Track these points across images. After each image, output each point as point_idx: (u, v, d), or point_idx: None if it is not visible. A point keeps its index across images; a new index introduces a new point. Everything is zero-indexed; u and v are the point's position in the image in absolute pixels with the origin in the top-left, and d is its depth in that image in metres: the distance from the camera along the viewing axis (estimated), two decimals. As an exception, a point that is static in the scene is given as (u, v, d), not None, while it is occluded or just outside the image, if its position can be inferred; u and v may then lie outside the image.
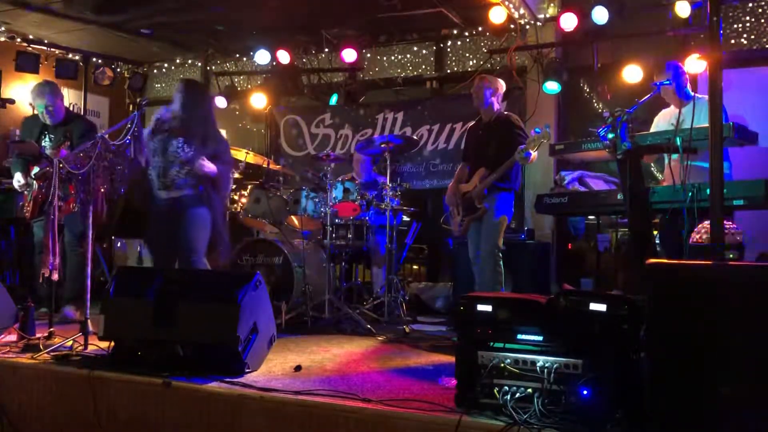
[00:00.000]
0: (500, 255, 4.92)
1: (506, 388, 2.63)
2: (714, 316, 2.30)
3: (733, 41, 6.46)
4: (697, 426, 2.30)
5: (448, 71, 7.85)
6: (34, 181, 5.22)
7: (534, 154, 4.81)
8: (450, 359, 3.57)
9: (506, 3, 6.43)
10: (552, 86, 6.56)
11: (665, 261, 2.69)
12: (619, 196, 4.36)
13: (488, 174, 4.92)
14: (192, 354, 3.44)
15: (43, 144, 5.44)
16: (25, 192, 5.36)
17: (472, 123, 5.44)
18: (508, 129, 4.99)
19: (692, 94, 4.77)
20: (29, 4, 6.90)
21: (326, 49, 7.88)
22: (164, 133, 4.54)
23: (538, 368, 2.59)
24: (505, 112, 5.26)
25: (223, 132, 9.04)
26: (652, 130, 4.71)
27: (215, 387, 3.14)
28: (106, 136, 4.11)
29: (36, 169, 5.24)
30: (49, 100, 5.43)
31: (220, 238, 4.63)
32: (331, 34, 7.69)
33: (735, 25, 6.47)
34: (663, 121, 4.89)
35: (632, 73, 6.15)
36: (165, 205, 4.54)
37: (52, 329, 4.06)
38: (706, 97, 4.26)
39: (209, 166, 4.50)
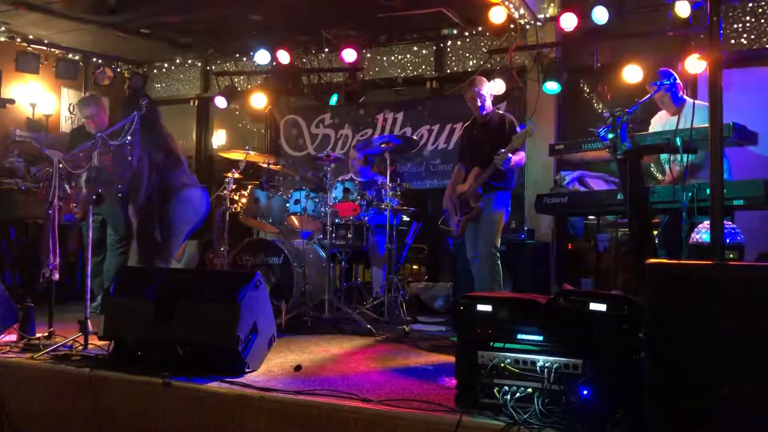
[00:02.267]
0: (498, 254, 4.93)
1: (506, 388, 2.63)
2: (714, 316, 2.30)
3: (733, 41, 6.46)
4: (698, 426, 2.30)
5: (448, 71, 7.84)
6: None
7: (514, 157, 4.79)
8: (450, 359, 3.57)
9: (506, 3, 6.43)
10: (552, 86, 6.56)
11: (665, 261, 2.69)
12: (619, 196, 4.36)
13: (481, 172, 4.93)
14: (192, 354, 3.44)
15: None
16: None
17: (466, 123, 5.45)
18: (502, 129, 5.00)
19: (685, 98, 4.81)
20: (29, 4, 6.90)
21: (326, 49, 7.87)
22: None
23: (538, 368, 2.60)
24: (500, 111, 5.26)
25: (223, 132, 9.14)
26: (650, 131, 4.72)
27: (215, 387, 3.14)
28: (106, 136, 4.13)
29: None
30: (93, 110, 5.85)
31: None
32: (331, 34, 7.69)
33: (735, 25, 6.47)
34: (659, 123, 4.90)
35: (632, 73, 6.14)
36: None
37: (52, 329, 4.06)
38: (703, 102, 4.28)
39: None
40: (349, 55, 7.35)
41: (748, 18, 6.44)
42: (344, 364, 3.80)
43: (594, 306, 2.56)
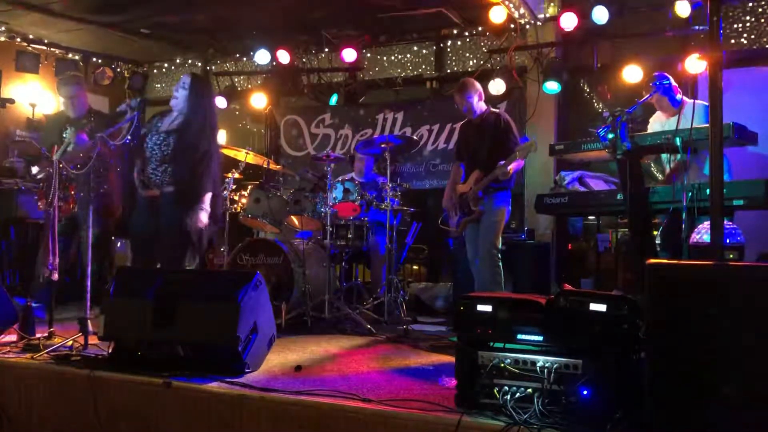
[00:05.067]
0: (499, 255, 4.93)
1: (506, 388, 2.63)
2: (714, 316, 2.30)
3: (733, 41, 6.46)
4: (698, 426, 2.30)
5: (448, 71, 7.84)
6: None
7: (512, 166, 4.81)
8: (450, 359, 3.57)
9: (506, 3, 6.43)
10: (552, 86, 6.56)
11: (665, 261, 2.69)
12: (619, 196, 4.36)
13: (482, 176, 4.94)
14: (192, 354, 3.44)
15: (64, 136, 5.35)
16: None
17: (463, 122, 5.45)
18: (498, 130, 5.01)
19: (683, 99, 4.82)
20: (29, 4, 6.90)
21: (326, 49, 7.88)
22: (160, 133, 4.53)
23: (538, 368, 2.60)
24: (495, 111, 5.25)
25: (223, 132, 9.13)
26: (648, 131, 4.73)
27: (215, 387, 3.14)
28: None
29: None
30: (74, 90, 5.36)
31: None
32: (331, 34, 7.69)
33: (735, 25, 6.47)
34: (658, 122, 4.90)
35: (632, 73, 6.15)
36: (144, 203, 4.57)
37: (52, 329, 4.06)
38: (703, 102, 4.28)
39: None
40: (349, 55, 7.35)
41: (748, 18, 6.44)
42: (344, 364, 3.80)
43: (594, 306, 2.56)
